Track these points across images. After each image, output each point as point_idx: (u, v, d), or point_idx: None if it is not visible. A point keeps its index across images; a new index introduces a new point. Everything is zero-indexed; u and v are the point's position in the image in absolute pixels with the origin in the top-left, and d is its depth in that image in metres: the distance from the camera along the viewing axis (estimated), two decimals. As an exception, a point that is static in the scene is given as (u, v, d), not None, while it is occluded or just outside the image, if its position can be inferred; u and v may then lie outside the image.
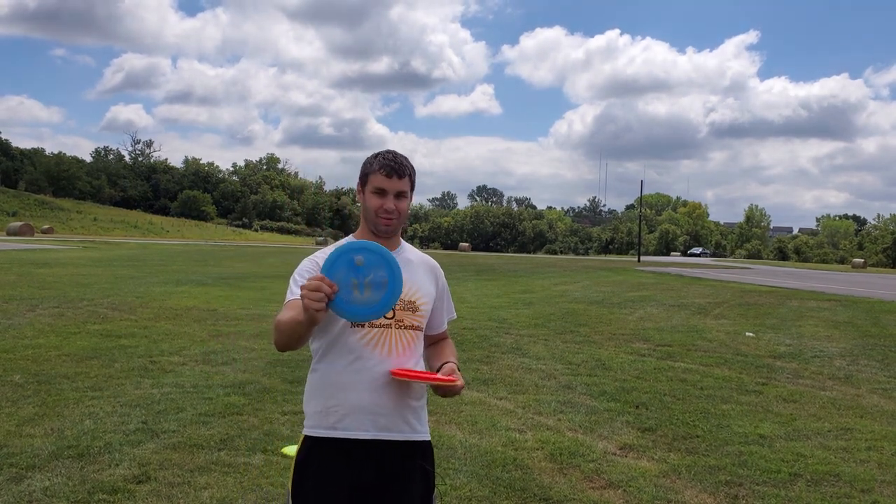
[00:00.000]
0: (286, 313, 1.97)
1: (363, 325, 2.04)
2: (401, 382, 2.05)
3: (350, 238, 2.16)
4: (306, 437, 2.09)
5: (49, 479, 3.96)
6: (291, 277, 2.11)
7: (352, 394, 2.04)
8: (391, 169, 2.11)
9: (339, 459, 2.04)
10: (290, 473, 2.10)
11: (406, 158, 2.17)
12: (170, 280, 17.37)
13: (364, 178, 2.15)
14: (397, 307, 2.07)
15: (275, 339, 2.02)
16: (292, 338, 1.94)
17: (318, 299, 1.77)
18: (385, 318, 2.05)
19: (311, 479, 2.05)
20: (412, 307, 2.14)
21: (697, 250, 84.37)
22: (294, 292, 2.04)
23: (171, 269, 21.48)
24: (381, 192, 2.11)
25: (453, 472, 4.32)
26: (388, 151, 2.17)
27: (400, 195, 2.12)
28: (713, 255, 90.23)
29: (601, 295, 17.69)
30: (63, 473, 4.06)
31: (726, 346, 9.74)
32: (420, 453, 2.12)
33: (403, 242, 2.25)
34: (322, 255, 2.10)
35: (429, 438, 2.17)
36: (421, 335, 2.18)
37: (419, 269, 2.21)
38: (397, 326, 2.09)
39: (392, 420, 2.06)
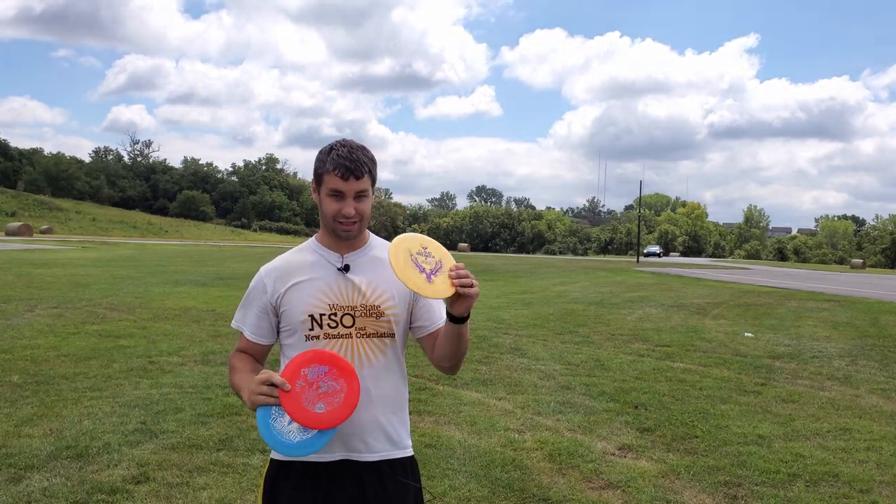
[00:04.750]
0: (236, 374, 1.91)
1: (319, 337, 1.87)
2: (368, 396, 1.86)
3: (313, 241, 1.98)
4: (272, 461, 1.91)
5: (48, 480, 3.96)
6: (244, 296, 2.01)
7: None
8: (347, 169, 1.83)
9: (309, 484, 1.85)
10: (258, 497, 1.93)
11: (363, 150, 1.88)
12: (168, 280, 17.35)
13: (318, 177, 1.89)
14: (357, 314, 1.89)
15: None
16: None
17: (268, 392, 1.72)
18: (344, 326, 1.88)
19: None
20: (375, 312, 1.90)
21: (655, 249, 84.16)
22: (242, 319, 1.99)
23: (169, 270, 21.45)
24: (338, 195, 1.85)
25: (452, 473, 4.33)
26: (343, 145, 1.88)
27: (360, 195, 1.87)
28: (669, 254, 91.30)
29: (600, 295, 17.69)
30: (62, 474, 4.06)
31: (725, 346, 9.74)
32: (402, 471, 1.92)
33: (372, 238, 2.01)
34: (279, 262, 1.97)
35: (411, 454, 1.96)
36: (394, 342, 1.94)
37: (388, 268, 1.91)
38: (359, 335, 1.88)
39: (363, 439, 1.87)
